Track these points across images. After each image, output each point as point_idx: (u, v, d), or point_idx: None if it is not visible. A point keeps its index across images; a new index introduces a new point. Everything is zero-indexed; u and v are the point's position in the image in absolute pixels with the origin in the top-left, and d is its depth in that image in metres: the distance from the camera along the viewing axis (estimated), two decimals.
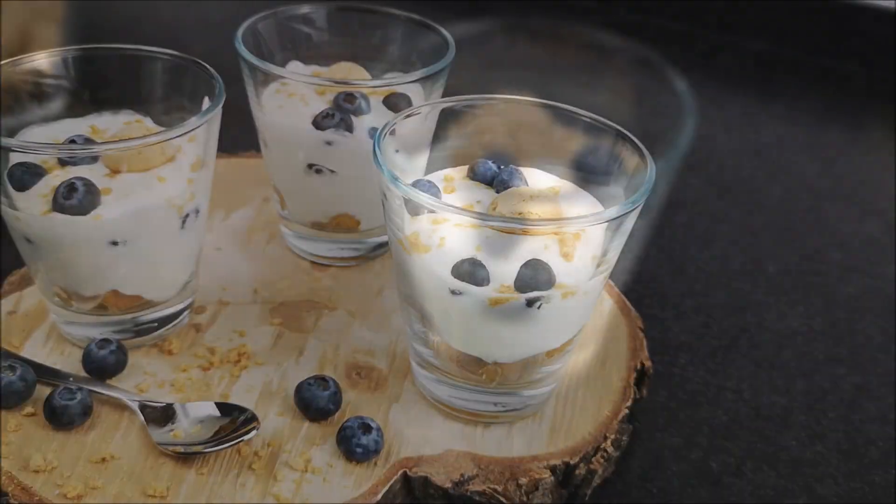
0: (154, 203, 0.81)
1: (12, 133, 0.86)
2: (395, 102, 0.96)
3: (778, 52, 1.86)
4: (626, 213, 0.73)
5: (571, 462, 0.81)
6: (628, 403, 0.88)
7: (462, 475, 0.78)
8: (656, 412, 0.99)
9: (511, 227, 0.74)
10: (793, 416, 1.00)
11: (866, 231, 1.34)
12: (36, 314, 0.92)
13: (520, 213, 0.75)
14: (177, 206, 0.82)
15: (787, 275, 1.23)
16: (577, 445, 0.83)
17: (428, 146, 0.89)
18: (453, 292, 0.75)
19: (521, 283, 0.73)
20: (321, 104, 0.95)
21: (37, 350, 0.88)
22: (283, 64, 1.02)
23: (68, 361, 0.87)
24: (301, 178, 0.97)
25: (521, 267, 0.73)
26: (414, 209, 0.77)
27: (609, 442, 0.84)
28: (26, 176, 0.80)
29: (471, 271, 0.73)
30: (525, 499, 0.79)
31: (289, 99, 0.96)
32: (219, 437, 0.78)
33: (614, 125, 0.82)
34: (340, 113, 0.93)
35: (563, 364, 0.83)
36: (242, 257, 1.04)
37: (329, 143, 0.93)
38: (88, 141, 0.83)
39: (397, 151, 0.85)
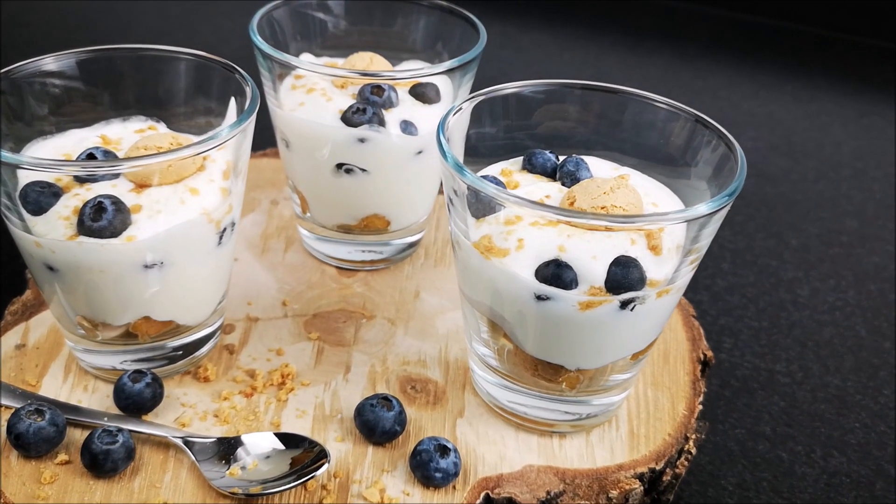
0: (190, 218, 0.72)
1: (17, 147, 0.77)
2: (422, 92, 0.89)
3: (777, 24, 1.83)
4: (723, 206, 0.67)
5: (657, 468, 0.76)
6: (700, 399, 0.83)
7: (548, 493, 0.73)
8: (713, 402, 0.95)
9: (599, 225, 0.67)
10: (849, 395, 0.97)
11: (877, 198, 1.32)
12: (49, 346, 0.83)
13: (603, 207, 0.69)
14: (215, 220, 0.74)
15: (811, 248, 1.20)
16: (660, 449, 0.77)
17: (463, 139, 0.82)
18: (539, 297, 0.68)
19: (613, 284, 0.67)
20: (345, 98, 0.87)
21: (57, 387, 0.79)
22: (295, 55, 0.94)
23: (95, 398, 0.79)
24: (329, 180, 0.89)
25: (611, 265, 0.67)
26: (484, 210, 0.70)
27: (691, 442, 0.79)
28: (43, 197, 0.70)
29: (557, 274, 0.67)
30: None
31: (308, 95, 0.88)
32: (286, 475, 0.71)
33: (694, 112, 0.76)
34: (371, 107, 0.85)
35: (642, 367, 0.78)
36: (263, 267, 0.96)
37: (361, 141, 0.86)
38: (108, 154, 0.74)
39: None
